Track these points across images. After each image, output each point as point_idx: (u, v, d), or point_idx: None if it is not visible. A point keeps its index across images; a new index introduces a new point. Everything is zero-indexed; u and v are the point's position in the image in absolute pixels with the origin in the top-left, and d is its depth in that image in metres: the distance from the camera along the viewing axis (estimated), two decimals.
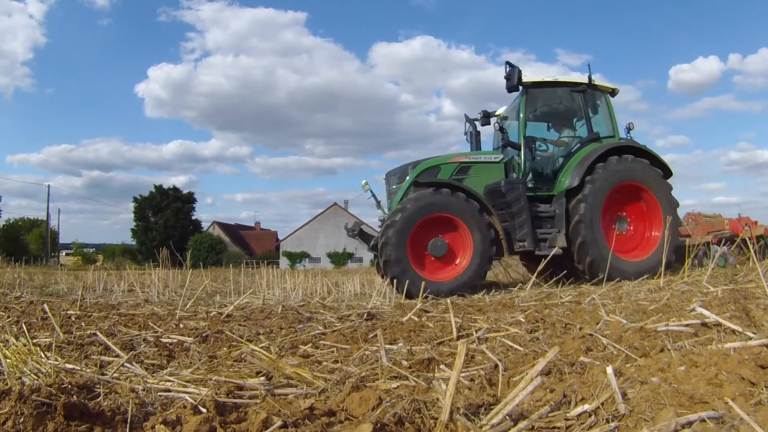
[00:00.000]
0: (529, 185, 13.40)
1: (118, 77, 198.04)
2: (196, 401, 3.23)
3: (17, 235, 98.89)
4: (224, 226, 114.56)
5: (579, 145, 13.85)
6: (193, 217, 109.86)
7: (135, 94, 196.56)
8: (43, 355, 4.34)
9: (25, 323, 6.50)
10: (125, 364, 4.39)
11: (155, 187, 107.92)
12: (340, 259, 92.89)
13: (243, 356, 5.00)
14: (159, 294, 12.14)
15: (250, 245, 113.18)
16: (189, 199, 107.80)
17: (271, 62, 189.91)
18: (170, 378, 4.06)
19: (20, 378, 3.76)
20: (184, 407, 3.11)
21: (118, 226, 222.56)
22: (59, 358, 4.40)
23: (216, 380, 3.98)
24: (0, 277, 15.43)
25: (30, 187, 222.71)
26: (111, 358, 4.82)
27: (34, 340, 4.71)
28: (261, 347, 5.09)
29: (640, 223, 13.54)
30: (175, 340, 5.87)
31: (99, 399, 3.35)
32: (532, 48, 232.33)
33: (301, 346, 5.68)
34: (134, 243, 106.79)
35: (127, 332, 6.36)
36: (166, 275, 14.34)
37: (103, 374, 4.09)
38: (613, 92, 14.54)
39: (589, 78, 14.09)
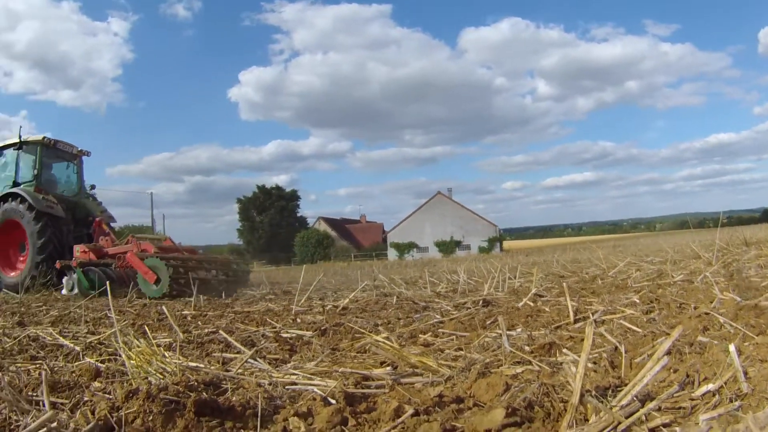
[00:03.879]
0: None
1: (210, 84, 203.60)
2: (324, 393, 3.27)
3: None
4: (330, 221, 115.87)
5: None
6: (299, 214, 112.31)
7: (228, 99, 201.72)
8: (166, 355, 4.44)
9: (141, 326, 6.71)
10: (248, 359, 4.46)
11: (258, 187, 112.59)
12: (447, 247, 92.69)
13: (366, 347, 5.06)
14: (272, 290, 12.39)
15: (357, 238, 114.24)
16: (293, 197, 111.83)
17: (360, 56, 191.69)
18: (295, 371, 4.11)
19: (146, 378, 3.85)
20: (314, 399, 3.16)
21: (223, 227, 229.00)
22: (181, 357, 4.51)
23: (342, 372, 4.01)
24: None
25: (133, 196, 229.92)
26: (233, 355, 4.93)
27: (155, 341, 4.83)
28: (382, 338, 5.13)
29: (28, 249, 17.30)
30: (294, 335, 5.96)
31: (227, 395, 3.41)
32: (620, 21, 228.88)
33: (420, 336, 5.71)
34: (241, 242, 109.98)
35: (245, 329, 6.50)
36: (276, 272, 14.58)
37: (227, 371, 4.16)
38: (44, 143, 18.41)
39: (20, 137, 18.39)
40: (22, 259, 17.80)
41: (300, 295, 9.19)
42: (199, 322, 7.31)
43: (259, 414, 2.96)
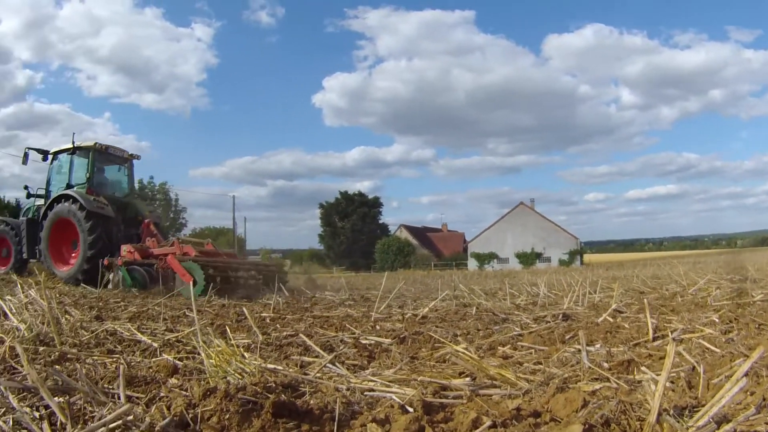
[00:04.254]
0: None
1: (294, 90, 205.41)
2: (402, 401, 3.30)
3: None
4: (411, 229, 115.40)
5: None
6: (380, 221, 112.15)
7: (312, 105, 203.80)
8: (247, 356, 4.49)
9: (220, 325, 6.86)
10: (327, 364, 4.51)
11: (340, 193, 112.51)
12: (528, 259, 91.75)
13: (445, 357, 5.06)
14: (351, 296, 12.57)
15: (437, 247, 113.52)
16: (375, 204, 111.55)
17: (444, 63, 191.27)
18: (373, 378, 4.13)
19: (225, 377, 3.91)
20: (392, 407, 3.18)
21: (305, 232, 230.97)
22: (259, 359, 4.53)
23: (421, 380, 4.02)
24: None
25: (215, 199, 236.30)
26: (311, 359, 4.98)
27: (233, 341, 4.87)
28: (461, 348, 5.09)
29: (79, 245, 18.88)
30: (373, 341, 5.99)
31: (305, 398, 3.46)
32: (703, 27, 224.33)
33: (499, 348, 5.68)
34: (322, 248, 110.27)
35: (324, 333, 6.57)
36: (355, 278, 14.79)
37: (305, 374, 4.21)
38: (96, 148, 20.27)
39: (73, 143, 20.25)
40: (74, 255, 19.37)
41: (380, 302, 9.24)
42: (278, 325, 7.39)
43: (337, 418, 3.00)
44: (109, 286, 16.19)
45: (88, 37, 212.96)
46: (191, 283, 14.02)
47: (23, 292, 7.85)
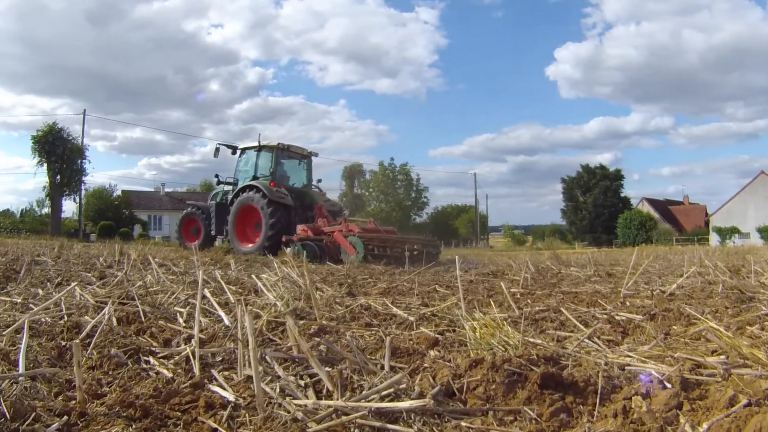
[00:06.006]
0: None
1: (525, 64, 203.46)
2: (661, 376, 3.33)
3: (446, 220, 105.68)
4: (653, 202, 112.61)
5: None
6: (622, 194, 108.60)
7: (546, 78, 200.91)
8: (509, 330, 4.59)
9: (471, 300, 7.16)
10: (584, 339, 4.59)
11: (582, 166, 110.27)
12: None
13: (699, 334, 4.99)
14: (595, 273, 12.51)
15: (679, 221, 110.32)
16: (617, 177, 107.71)
17: (674, 24, 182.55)
18: (630, 354, 4.18)
19: (490, 349, 4.09)
20: (651, 382, 3.24)
21: (546, 207, 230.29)
22: (518, 332, 4.63)
23: (678, 357, 4.03)
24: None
25: (456, 176, 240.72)
26: (567, 333, 5.08)
27: (488, 316, 4.94)
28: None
29: (261, 227, 22.91)
30: (624, 318, 5.97)
31: (567, 370, 3.55)
32: None
33: (747, 327, 5.49)
34: (564, 223, 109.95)
35: (575, 309, 6.63)
36: (598, 254, 14.63)
37: (563, 348, 4.35)
38: (279, 147, 24.66)
39: (259, 142, 24.90)
40: (257, 234, 23.38)
41: (628, 279, 9.11)
42: (528, 300, 7.49)
43: (599, 391, 3.11)
44: (287, 250, 18.91)
45: (312, 31, 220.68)
46: (354, 253, 18.13)
47: (278, 269, 8.33)
